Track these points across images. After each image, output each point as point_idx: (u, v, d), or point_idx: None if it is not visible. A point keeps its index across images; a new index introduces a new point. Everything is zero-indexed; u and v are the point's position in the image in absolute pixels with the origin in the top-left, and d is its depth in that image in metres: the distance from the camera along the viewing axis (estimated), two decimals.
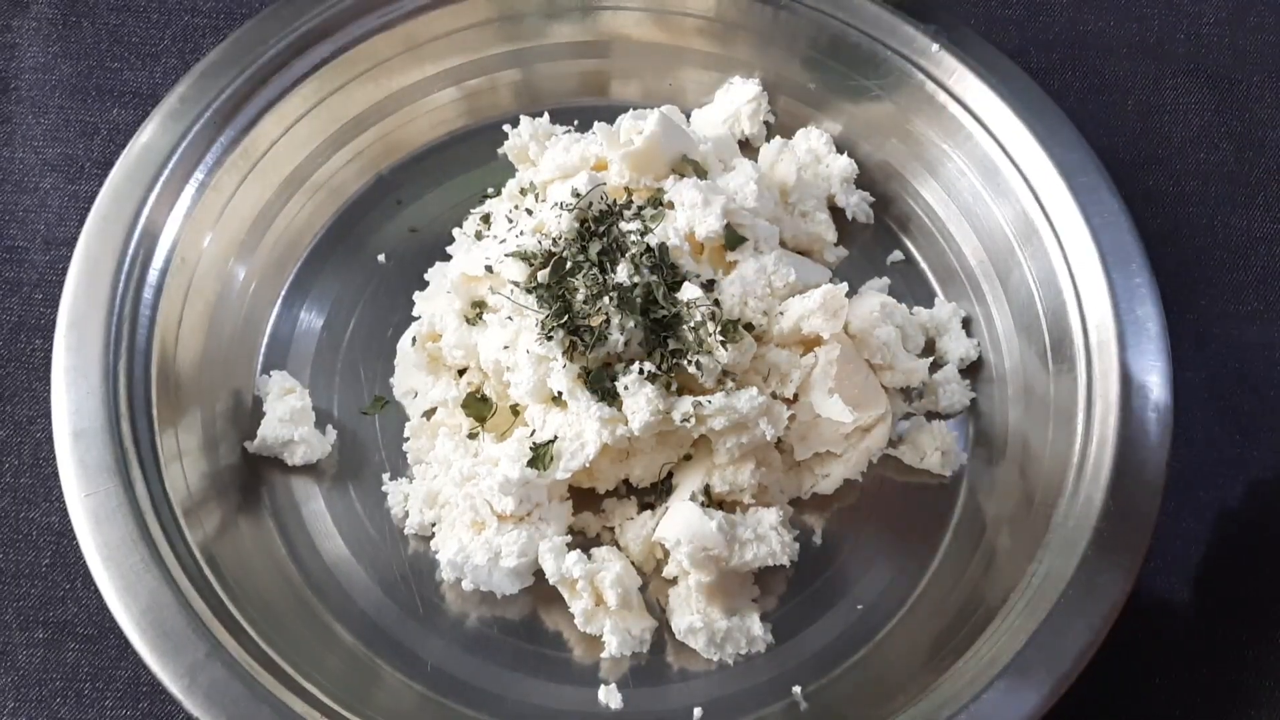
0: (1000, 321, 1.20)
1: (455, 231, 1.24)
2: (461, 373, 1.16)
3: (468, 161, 1.29)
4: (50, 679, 1.10)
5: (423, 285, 1.22)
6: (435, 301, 1.18)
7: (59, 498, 1.05)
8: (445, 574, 1.09)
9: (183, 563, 1.01)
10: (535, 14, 1.30)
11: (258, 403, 1.16)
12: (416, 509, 1.10)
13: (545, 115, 1.28)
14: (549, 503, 1.09)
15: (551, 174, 1.18)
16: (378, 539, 1.12)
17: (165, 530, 1.02)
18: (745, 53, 1.30)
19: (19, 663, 1.10)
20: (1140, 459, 1.05)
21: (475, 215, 1.24)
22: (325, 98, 1.24)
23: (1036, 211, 1.18)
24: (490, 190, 1.26)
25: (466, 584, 1.07)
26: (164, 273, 1.13)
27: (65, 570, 1.14)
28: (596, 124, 1.19)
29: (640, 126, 1.14)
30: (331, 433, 1.15)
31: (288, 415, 1.12)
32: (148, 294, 1.11)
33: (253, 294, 1.20)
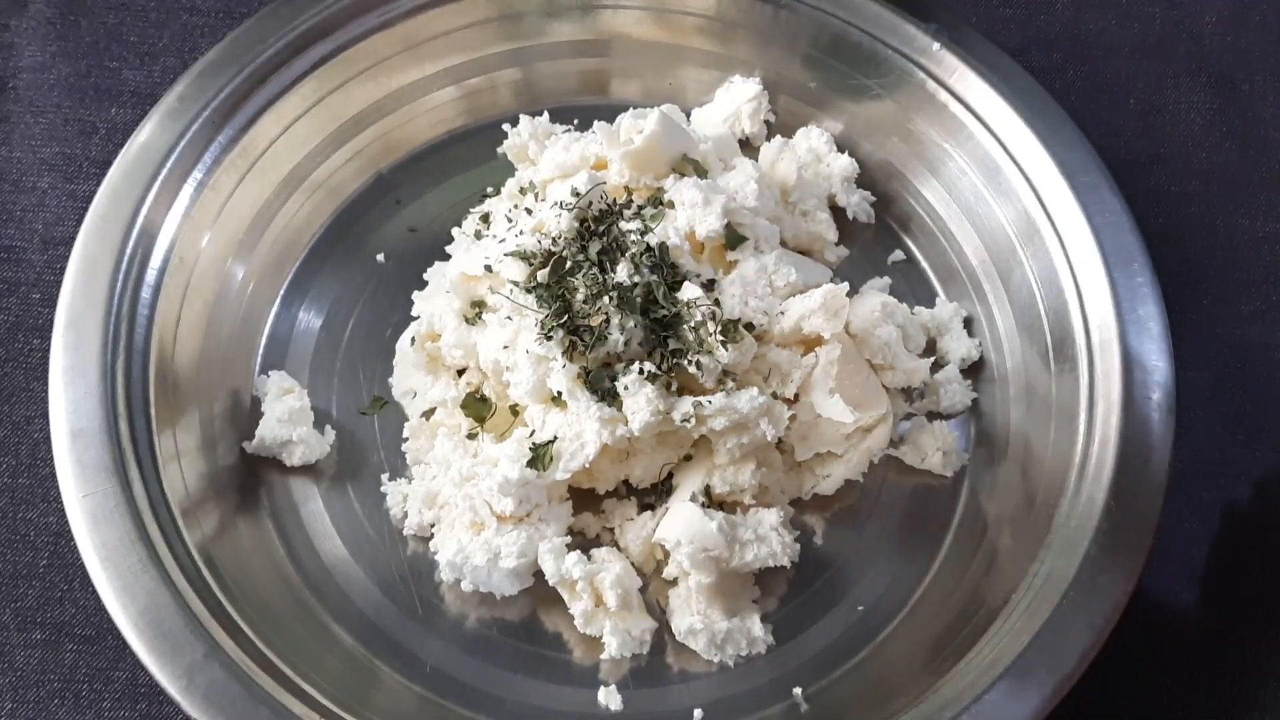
0: (1002, 321, 1.20)
1: (454, 231, 1.23)
2: (461, 373, 1.16)
3: (467, 161, 1.29)
4: (48, 680, 1.10)
5: (422, 285, 1.22)
6: (434, 301, 1.18)
7: (56, 498, 1.05)
8: (444, 575, 1.08)
9: (181, 563, 1.01)
10: (535, 12, 1.30)
11: (256, 403, 1.15)
12: (415, 509, 1.10)
13: (545, 114, 1.28)
14: (549, 503, 1.08)
15: (551, 173, 1.18)
16: (376, 540, 1.11)
17: (163, 531, 1.02)
18: (746, 51, 1.30)
19: (16, 664, 1.10)
20: (1142, 459, 1.05)
21: (474, 215, 1.24)
22: (324, 97, 1.24)
23: (1038, 211, 1.17)
24: (490, 190, 1.26)
25: (466, 585, 1.07)
26: (162, 272, 1.13)
27: (63, 571, 1.14)
28: (596, 123, 1.19)
29: (640, 125, 1.14)
30: (330, 433, 1.15)
31: (286, 415, 1.12)
32: (146, 294, 1.11)
33: (251, 293, 1.20)
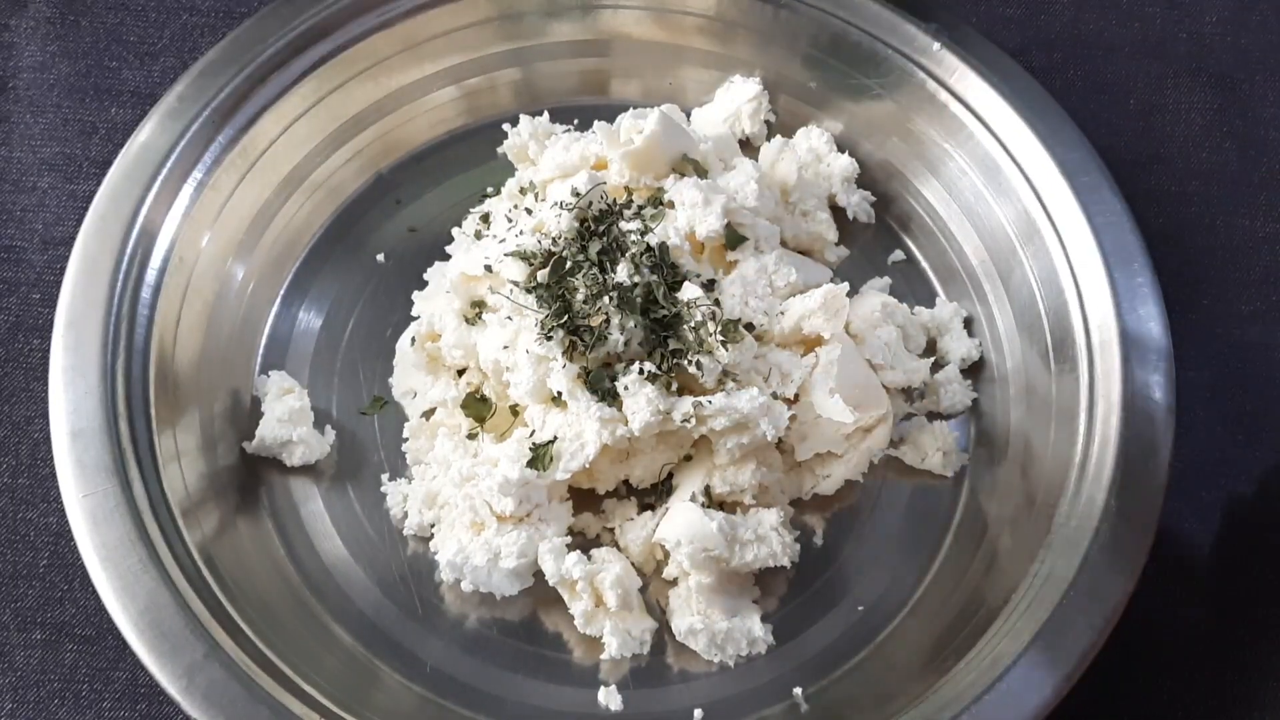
0: (1002, 321, 1.20)
1: (454, 231, 1.23)
2: (461, 373, 1.16)
3: (467, 161, 1.29)
4: (48, 680, 1.10)
5: (422, 285, 1.22)
6: (434, 301, 1.18)
7: (57, 498, 1.05)
8: (444, 575, 1.08)
9: (181, 563, 1.01)
10: (535, 12, 1.30)
11: (256, 403, 1.15)
12: (415, 510, 1.10)
13: (545, 114, 1.28)
14: (549, 503, 1.08)
15: (551, 173, 1.18)
16: (377, 540, 1.11)
17: (163, 531, 1.02)
18: (746, 51, 1.30)
19: (16, 664, 1.10)
20: (1142, 459, 1.05)
21: (475, 215, 1.24)
22: (324, 97, 1.24)
23: (1038, 211, 1.17)
24: (490, 189, 1.26)
25: (466, 585, 1.07)
26: (162, 272, 1.13)
27: (63, 571, 1.13)
28: (596, 123, 1.19)
29: (640, 125, 1.14)
30: (330, 433, 1.15)
31: (286, 415, 1.12)
32: (146, 294, 1.11)
33: (251, 293, 1.20)
